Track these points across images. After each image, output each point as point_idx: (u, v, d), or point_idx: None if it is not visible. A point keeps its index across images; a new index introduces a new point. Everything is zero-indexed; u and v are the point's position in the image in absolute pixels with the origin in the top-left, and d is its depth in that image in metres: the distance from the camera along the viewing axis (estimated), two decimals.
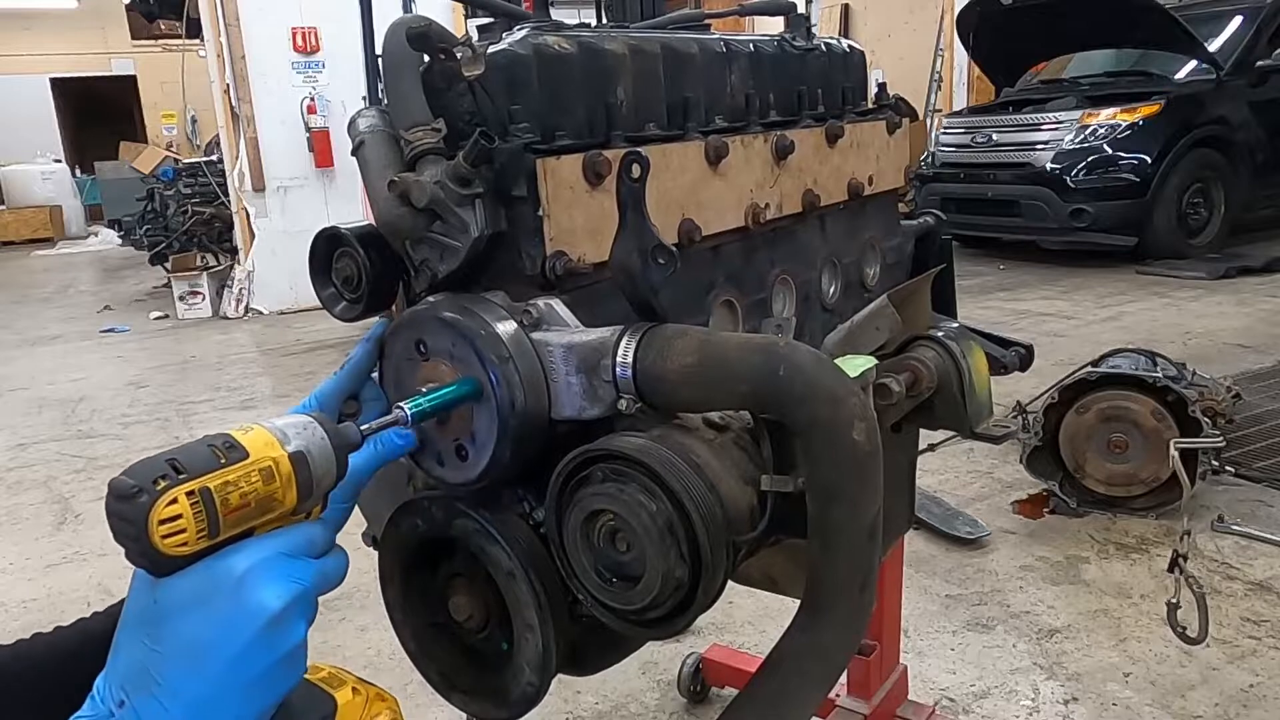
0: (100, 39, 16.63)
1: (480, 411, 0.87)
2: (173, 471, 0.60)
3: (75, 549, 3.10)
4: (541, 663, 0.89)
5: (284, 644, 0.62)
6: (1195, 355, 4.24)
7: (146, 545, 0.59)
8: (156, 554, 0.59)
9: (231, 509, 0.62)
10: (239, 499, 0.62)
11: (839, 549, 0.78)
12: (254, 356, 5.98)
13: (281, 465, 0.65)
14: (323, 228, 0.99)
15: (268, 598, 0.62)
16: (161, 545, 0.59)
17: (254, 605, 0.61)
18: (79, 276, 10.50)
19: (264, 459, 0.64)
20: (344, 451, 0.70)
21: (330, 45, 7.20)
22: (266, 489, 0.64)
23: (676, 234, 1.05)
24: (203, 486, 0.60)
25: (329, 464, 0.68)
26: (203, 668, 0.60)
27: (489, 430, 0.86)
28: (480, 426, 0.87)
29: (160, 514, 0.59)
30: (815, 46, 1.37)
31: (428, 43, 0.92)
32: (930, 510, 2.80)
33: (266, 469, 0.64)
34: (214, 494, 0.61)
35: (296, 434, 0.66)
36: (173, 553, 0.60)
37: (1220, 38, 6.86)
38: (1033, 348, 1.49)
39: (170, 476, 0.60)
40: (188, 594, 0.61)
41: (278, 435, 0.65)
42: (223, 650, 0.60)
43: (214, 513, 0.61)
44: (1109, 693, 2.02)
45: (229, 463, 0.62)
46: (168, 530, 0.59)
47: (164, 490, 0.59)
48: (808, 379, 0.76)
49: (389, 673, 2.23)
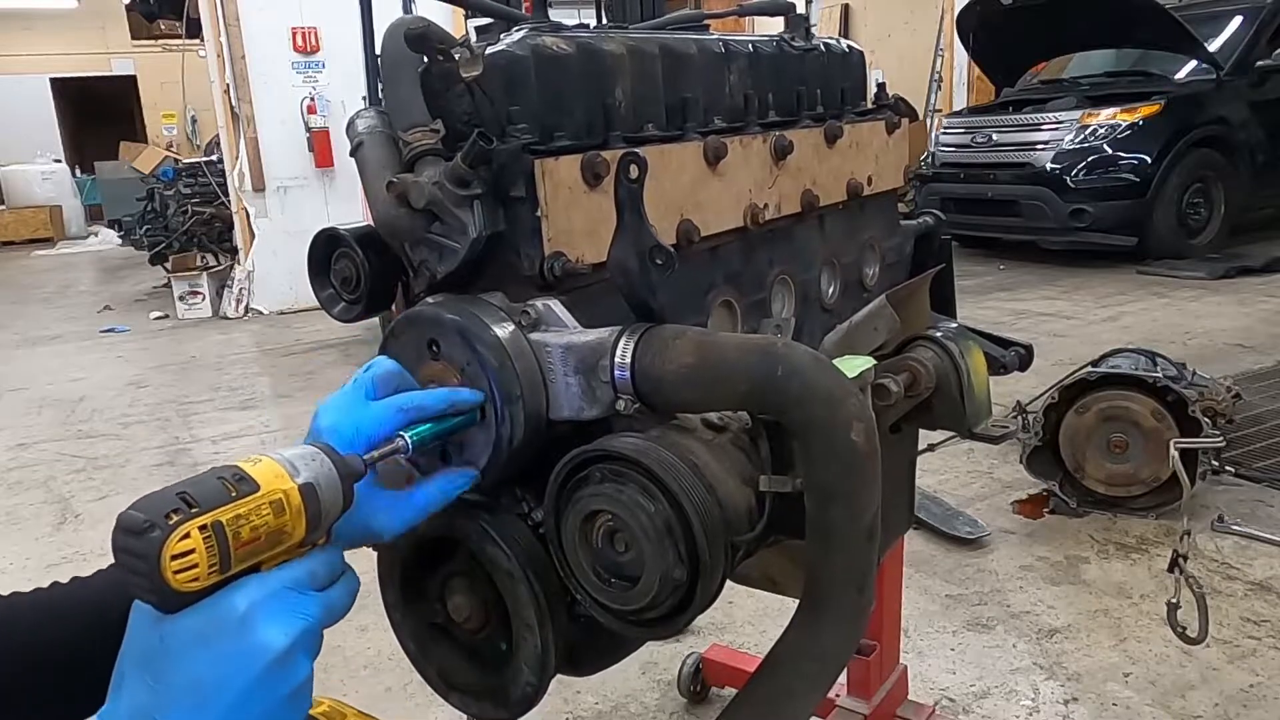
0: (100, 39, 16.63)
1: (477, 427, 0.87)
2: (185, 505, 0.59)
3: (75, 549, 3.11)
4: (540, 663, 0.89)
5: (288, 683, 0.62)
6: (1195, 355, 4.24)
7: (158, 581, 0.58)
8: (167, 590, 0.58)
9: (242, 543, 0.61)
10: (249, 533, 0.61)
11: (837, 549, 0.78)
12: (254, 356, 5.98)
13: (291, 498, 0.64)
14: (321, 228, 0.99)
15: (271, 636, 0.61)
16: (173, 581, 0.58)
17: (257, 645, 0.61)
18: (79, 276, 10.50)
19: (274, 491, 0.63)
20: (350, 481, 0.69)
21: (330, 45, 7.19)
22: (277, 522, 0.63)
23: (675, 234, 1.05)
24: (215, 520, 0.59)
25: (336, 495, 0.68)
26: (206, 709, 0.60)
27: (485, 443, 0.87)
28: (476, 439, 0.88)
29: (173, 549, 0.58)
30: (814, 47, 1.36)
31: (426, 43, 0.92)
32: (930, 510, 2.80)
33: (277, 501, 0.63)
34: (226, 528, 0.60)
35: (305, 465, 0.66)
36: (184, 588, 0.59)
37: (1220, 38, 6.86)
38: (1032, 348, 1.49)
39: (182, 510, 0.59)
40: (191, 633, 0.60)
41: (287, 467, 0.65)
42: (226, 691, 0.60)
43: (226, 547, 0.60)
44: (1109, 693, 2.02)
45: (240, 495, 0.61)
46: (180, 565, 0.58)
47: (177, 525, 0.58)
48: (806, 379, 0.76)
49: (389, 673, 2.23)
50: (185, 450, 4.10)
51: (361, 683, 2.22)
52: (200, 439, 4.25)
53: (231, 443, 4.16)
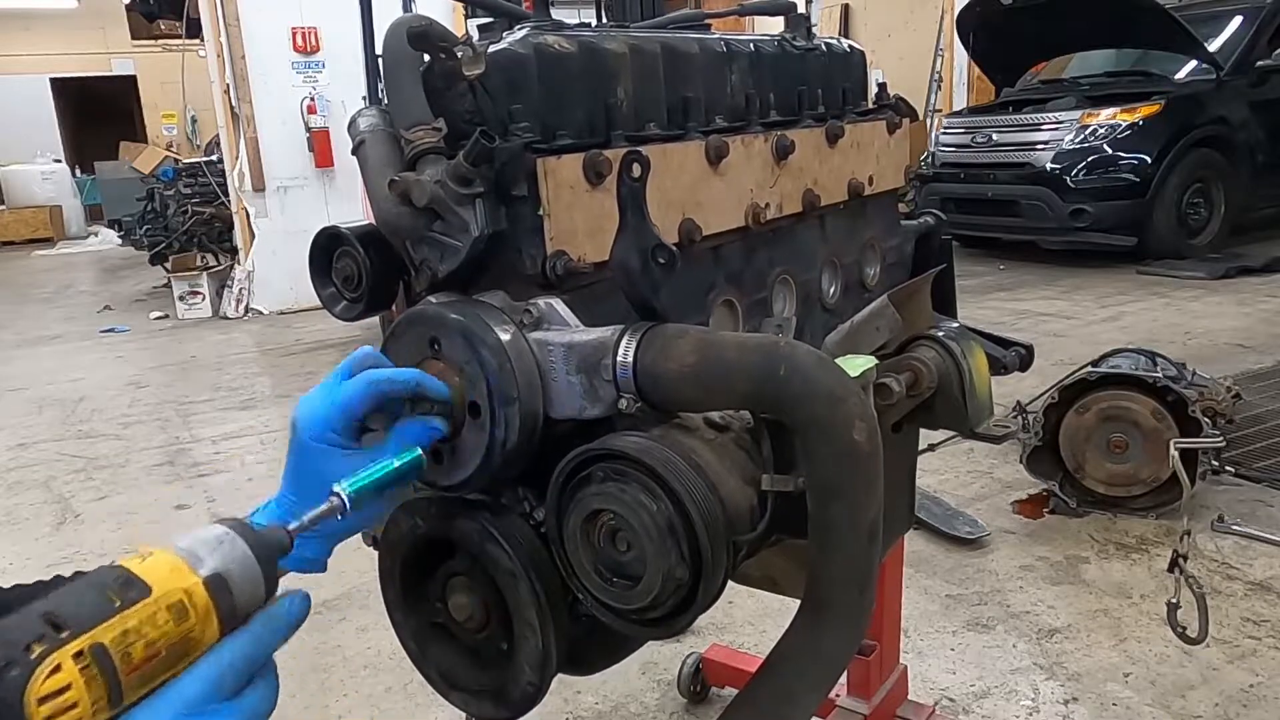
0: (100, 39, 16.62)
1: (472, 428, 0.87)
2: (51, 629, 0.47)
3: (75, 549, 3.11)
4: (541, 662, 0.89)
5: None
6: (1195, 355, 4.24)
7: None
8: None
9: (135, 665, 0.49)
10: (144, 650, 0.49)
11: (839, 549, 0.78)
12: (254, 356, 5.98)
13: (196, 596, 0.53)
14: (323, 227, 0.99)
15: None
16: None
17: None
18: (79, 276, 10.50)
19: (172, 592, 0.52)
20: (272, 563, 0.58)
21: (330, 45, 7.20)
22: (180, 629, 0.51)
23: (677, 234, 1.05)
24: (94, 643, 0.48)
25: (254, 582, 0.56)
26: None
27: (479, 444, 0.86)
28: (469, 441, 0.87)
29: (40, 689, 0.45)
30: (815, 46, 1.36)
31: (428, 42, 0.92)
32: (930, 510, 2.80)
33: (177, 604, 0.52)
34: (110, 650, 0.48)
35: (211, 551, 0.55)
36: None
37: (1220, 38, 6.86)
38: (1033, 348, 1.48)
39: (49, 637, 0.47)
40: None
41: (187, 558, 0.54)
42: None
43: (113, 676, 0.48)
44: (1109, 693, 2.02)
45: (126, 604, 0.50)
46: (54, 709, 0.46)
47: (42, 657, 0.46)
48: (808, 379, 0.76)
49: (389, 673, 2.23)
50: (185, 450, 4.10)
51: (361, 683, 2.22)
52: (200, 439, 4.24)
53: (231, 442, 4.16)
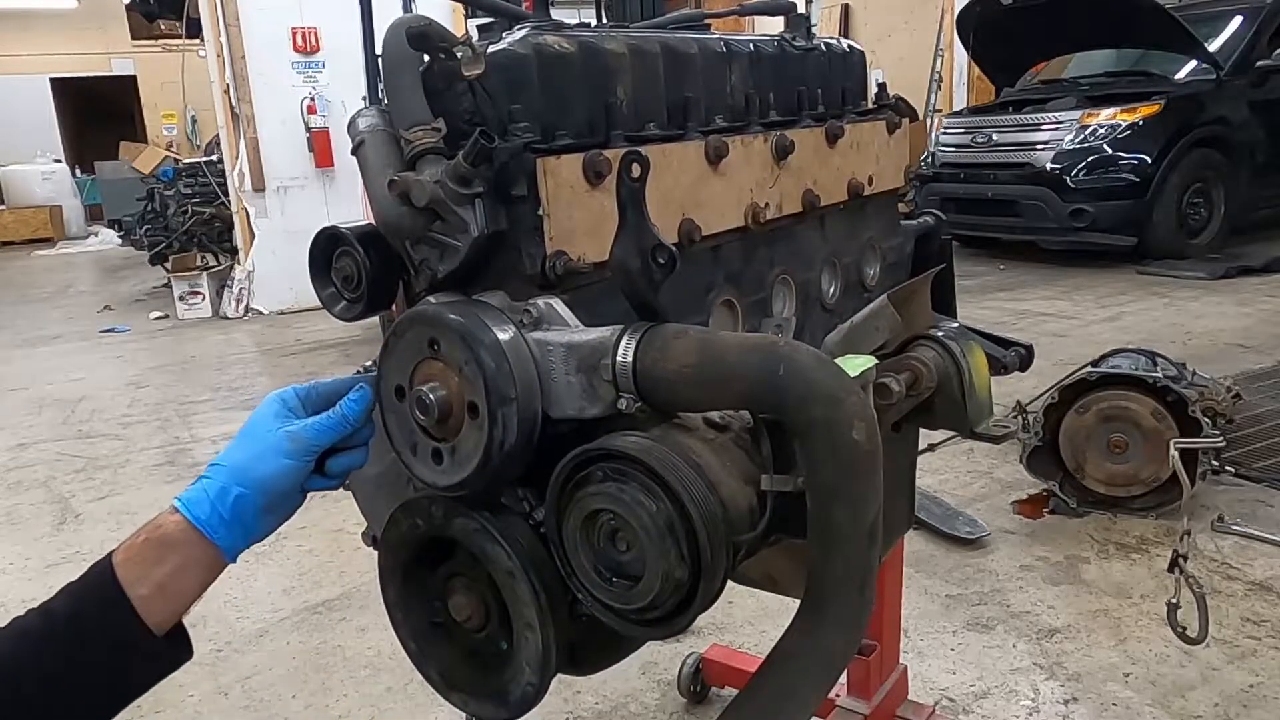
0: (100, 39, 16.61)
1: (471, 428, 0.87)
2: None
3: (75, 549, 3.11)
4: (541, 662, 0.89)
5: None
6: (1195, 355, 4.24)
7: None
8: None
9: None
10: None
11: (839, 549, 0.78)
12: (254, 356, 5.98)
13: None
14: (323, 227, 0.99)
15: None
16: None
17: None
18: (79, 276, 10.50)
19: None
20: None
21: (330, 45, 7.19)
22: None
23: (676, 234, 1.05)
24: None
25: None
26: None
27: (477, 444, 0.86)
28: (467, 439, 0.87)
29: None
30: (815, 46, 1.36)
31: (428, 42, 0.92)
32: (930, 510, 2.80)
33: None
34: None
35: None
36: None
37: (1220, 38, 6.86)
38: (1033, 348, 1.49)
39: None
40: None
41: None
42: None
43: None
44: (1109, 693, 2.02)
45: None
46: None
47: None
48: (807, 379, 0.76)
49: (389, 673, 2.23)
50: (185, 450, 4.10)
51: (361, 683, 2.22)
52: (200, 439, 4.24)
53: None
